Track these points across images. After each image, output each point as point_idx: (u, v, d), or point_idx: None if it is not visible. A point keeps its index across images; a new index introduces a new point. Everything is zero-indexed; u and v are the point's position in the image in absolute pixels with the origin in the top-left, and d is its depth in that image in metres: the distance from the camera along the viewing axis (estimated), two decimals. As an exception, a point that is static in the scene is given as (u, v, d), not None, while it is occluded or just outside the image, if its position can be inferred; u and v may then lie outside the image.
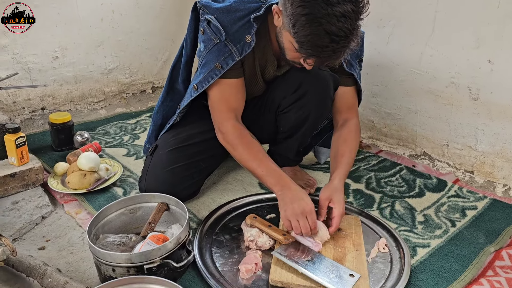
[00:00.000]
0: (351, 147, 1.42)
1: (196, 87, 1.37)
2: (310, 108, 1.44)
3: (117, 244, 1.17)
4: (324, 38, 1.05)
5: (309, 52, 1.10)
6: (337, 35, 1.04)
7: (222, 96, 1.36)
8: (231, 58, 1.30)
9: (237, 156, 1.36)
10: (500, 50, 1.55)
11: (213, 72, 1.32)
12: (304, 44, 1.08)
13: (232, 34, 1.28)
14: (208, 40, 1.31)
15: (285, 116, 1.49)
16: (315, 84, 1.41)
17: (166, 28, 2.69)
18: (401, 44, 1.83)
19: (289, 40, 1.15)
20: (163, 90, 1.56)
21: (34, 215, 1.42)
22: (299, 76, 1.42)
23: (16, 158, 1.54)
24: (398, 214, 1.48)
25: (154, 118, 1.58)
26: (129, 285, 0.96)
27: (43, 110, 2.29)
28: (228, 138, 1.35)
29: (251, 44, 1.29)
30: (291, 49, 1.19)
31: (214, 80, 1.32)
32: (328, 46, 1.06)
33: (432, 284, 1.15)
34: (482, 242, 1.34)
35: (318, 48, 1.07)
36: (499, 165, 1.66)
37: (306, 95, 1.42)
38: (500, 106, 1.60)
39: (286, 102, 1.46)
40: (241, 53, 1.30)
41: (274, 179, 1.29)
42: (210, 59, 1.31)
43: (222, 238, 1.31)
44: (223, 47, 1.29)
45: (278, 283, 1.11)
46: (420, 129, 1.89)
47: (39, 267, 1.09)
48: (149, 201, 1.32)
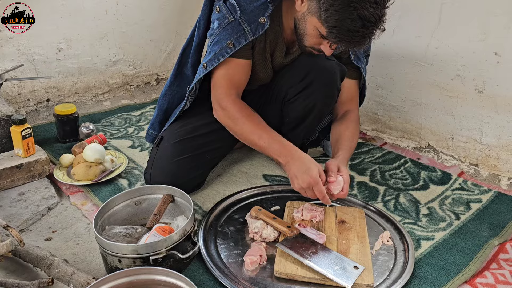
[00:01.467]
0: (353, 135, 1.45)
1: (205, 65, 1.36)
2: (316, 97, 1.44)
3: (123, 235, 1.18)
4: (357, 23, 1.08)
5: (338, 37, 1.13)
6: (369, 21, 1.08)
7: (227, 73, 1.37)
8: (244, 38, 1.30)
9: (238, 130, 1.37)
10: (507, 42, 1.54)
11: (224, 50, 1.32)
12: (335, 28, 1.11)
13: (247, 13, 1.29)
14: (222, 18, 1.31)
15: (292, 105, 1.49)
16: (322, 73, 1.41)
17: (170, 19, 2.68)
18: (406, 36, 1.82)
19: (315, 25, 1.18)
20: (170, 74, 1.55)
21: (41, 206, 1.44)
22: (306, 65, 1.42)
23: (22, 150, 1.55)
24: (403, 207, 1.49)
25: (160, 102, 1.58)
26: (135, 276, 0.97)
27: (48, 102, 2.30)
28: (229, 113, 1.36)
29: (264, 26, 1.30)
30: (314, 35, 1.21)
31: (224, 58, 1.32)
32: (359, 31, 1.10)
33: (436, 277, 1.15)
34: (486, 235, 1.34)
35: (349, 32, 1.10)
36: (504, 158, 1.66)
37: (312, 84, 1.42)
38: (506, 98, 1.59)
39: (293, 91, 1.46)
40: (254, 34, 1.30)
41: (278, 150, 1.31)
42: (222, 37, 1.31)
43: (227, 230, 1.32)
44: (237, 26, 1.29)
45: (282, 274, 1.12)
46: (425, 122, 1.88)
47: (46, 258, 1.10)
48: (154, 193, 1.33)
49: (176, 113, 1.53)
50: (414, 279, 1.14)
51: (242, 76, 1.40)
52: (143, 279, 0.97)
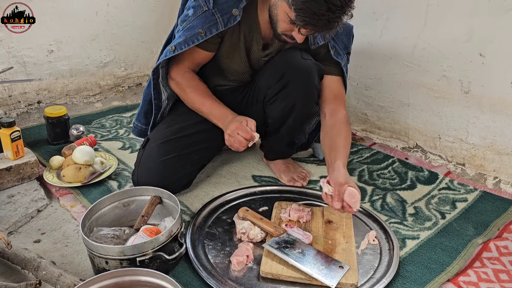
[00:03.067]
0: (346, 140, 1.39)
1: (174, 48, 1.39)
2: (295, 97, 1.45)
3: (111, 237, 1.19)
4: (322, 6, 1.11)
5: (305, 20, 1.15)
6: (334, 4, 1.11)
7: (187, 58, 1.46)
8: (215, 28, 1.35)
9: (185, 98, 1.47)
10: (491, 43, 1.56)
11: (195, 37, 1.36)
12: (301, 11, 1.14)
13: (221, 4, 1.33)
14: (197, 7, 1.35)
15: (272, 106, 1.50)
16: (298, 73, 1.42)
17: (161, 21, 2.68)
18: (394, 38, 1.84)
19: (285, 10, 1.21)
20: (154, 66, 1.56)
21: (30, 208, 1.44)
22: (282, 65, 1.43)
23: (12, 152, 1.56)
24: (389, 207, 1.50)
25: (144, 93, 1.60)
26: (121, 277, 0.98)
27: (39, 104, 2.30)
28: (178, 83, 1.46)
29: (236, 18, 1.33)
30: (285, 21, 1.24)
31: (194, 44, 1.37)
32: (325, 15, 1.12)
33: (420, 276, 1.17)
34: (471, 234, 1.36)
35: (315, 16, 1.13)
36: (490, 157, 1.68)
37: (289, 84, 1.43)
38: (491, 99, 1.62)
39: (271, 92, 1.47)
40: (225, 25, 1.34)
41: (217, 115, 1.39)
42: (195, 24, 1.35)
43: (215, 231, 1.33)
44: (211, 15, 1.34)
45: (268, 274, 1.13)
46: (413, 122, 1.90)
47: (33, 260, 1.11)
48: (142, 195, 1.34)
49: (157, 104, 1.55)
50: (398, 278, 1.16)
51: (199, 62, 1.49)
52: (129, 280, 0.98)
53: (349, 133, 1.42)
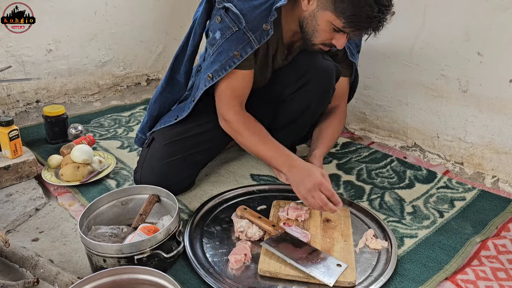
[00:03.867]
0: (334, 133, 1.51)
1: (211, 76, 1.34)
2: (312, 96, 1.46)
3: (109, 235, 1.19)
4: (374, 8, 1.13)
5: (357, 25, 1.17)
6: (383, 5, 1.14)
7: (230, 84, 1.37)
8: (250, 46, 1.30)
9: (243, 142, 1.39)
10: (489, 42, 1.56)
11: (231, 60, 1.31)
12: (354, 17, 1.15)
13: (251, 22, 1.28)
14: (226, 28, 1.30)
15: (286, 105, 1.51)
16: (319, 73, 1.43)
17: (160, 20, 2.69)
18: (392, 37, 1.84)
19: (329, 20, 1.21)
20: (162, 80, 1.54)
21: (28, 207, 1.44)
22: (303, 64, 1.44)
23: (10, 151, 1.56)
24: (387, 205, 1.50)
25: (151, 108, 1.57)
26: (118, 275, 0.98)
27: (38, 103, 2.30)
28: (233, 125, 1.38)
29: (269, 32, 1.29)
30: (327, 30, 1.24)
31: (232, 68, 1.31)
32: (376, 17, 1.15)
33: (418, 274, 1.17)
34: (469, 232, 1.36)
35: (368, 19, 1.15)
36: (488, 156, 1.68)
37: (309, 83, 1.44)
38: (489, 98, 1.62)
39: (289, 90, 1.48)
40: (259, 41, 1.30)
41: (281, 160, 1.33)
42: (227, 47, 1.30)
43: (213, 229, 1.33)
44: (242, 35, 1.29)
45: (266, 273, 1.13)
46: (411, 121, 1.90)
47: (31, 258, 1.11)
48: (140, 193, 1.34)
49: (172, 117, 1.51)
50: (396, 276, 1.16)
51: (245, 86, 1.41)
52: (126, 278, 0.98)
53: (338, 127, 1.52)
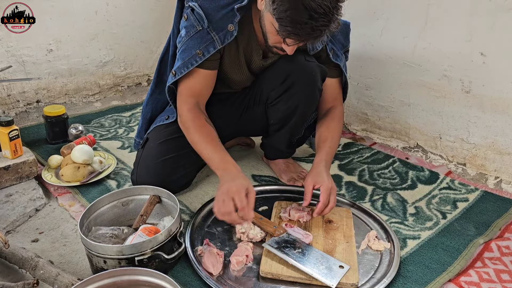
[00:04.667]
0: (333, 133, 1.45)
1: (174, 73, 1.35)
2: (298, 99, 1.45)
3: (109, 236, 1.18)
4: (303, 14, 1.05)
5: (288, 30, 1.10)
6: (316, 12, 1.05)
7: (189, 82, 1.37)
8: (213, 46, 1.30)
9: (190, 138, 1.36)
10: (492, 42, 1.55)
11: (193, 58, 1.31)
12: (283, 20, 1.09)
13: (215, 22, 1.28)
14: (190, 27, 1.31)
15: (274, 108, 1.50)
16: (302, 75, 1.41)
17: (161, 20, 2.68)
18: (394, 37, 1.83)
19: (270, 20, 1.16)
20: (151, 83, 1.56)
21: (28, 207, 1.43)
22: (286, 67, 1.42)
23: (10, 151, 1.55)
24: (390, 206, 1.49)
25: (144, 111, 1.58)
26: (119, 277, 0.97)
27: (38, 103, 2.29)
28: (183, 120, 1.36)
29: (233, 34, 1.29)
30: (272, 32, 1.19)
31: (194, 66, 1.31)
32: (307, 23, 1.07)
33: (421, 275, 1.16)
34: (472, 234, 1.35)
35: (297, 24, 1.07)
36: (491, 157, 1.67)
37: (294, 86, 1.43)
38: (491, 98, 1.61)
39: (275, 93, 1.46)
40: (223, 42, 1.30)
41: (217, 162, 1.28)
42: (191, 45, 1.31)
43: (214, 230, 1.32)
44: (206, 35, 1.29)
45: (268, 274, 1.12)
46: (413, 122, 1.89)
47: (31, 259, 1.10)
48: (141, 194, 1.33)
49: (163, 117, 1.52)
50: (399, 278, 1.15)
51: (203, 86, 1.39)
52: (127, 279, 0.97)
53: (338, 127, 1.48)
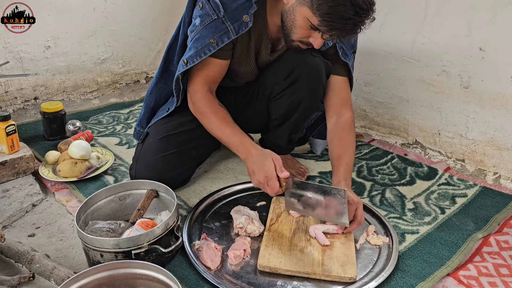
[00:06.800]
0: (347, 147, 1.37)
1: (186, 61, 1.34)
2: (302, 94, 1.44)
3: (106, 230, 1.17)
4: (350, 10, 1.08)
5: (331, 25, 1.12)
6: (361, 8, 1.09)
7: (203, 71, 1.37)
8: (227, 36, 1.29)
9: (207, 124, 1.38)
10: (491, 37, 1.54)
11: (206, 47, 1.30)
12: (328, 16, 1.11)
13: (231, 12, 1.27)
14: (205, 15, 1.30)
15: (277, 102, 1.49)
16: (307, 70, 1.40)
17: (159, 18, 2.67)
18: (393, 33, 1.83)
19: (306, 15, 1.17)
20: (157, 71, 1.55)
21: (25, 202, 1.42)
22: (292, 62, 1.42)
23: (7, 146, 1.54)
24: (388, 202, 1.49)
25: (147, 100, 1.58)
26: (115, 270, 0.96)
27: (36, 100, 2.28)
28: (198, 106, 1.37)
29: (248, 24, 1.29)
30: (304, 27, 1.20)
31: (207, 55, 1.31)
32: (351, 19, 1.10)
33: (419, 270, 1.15)
34: (471, 228, 1.34)
35: (342, 20, 1.10)
36: (490, 153, 1.67)
37: (298, 80, 1.42)
38: (491, 94, 1.60)
39: (279, 87, 1.46)
40: (237, 32, 1.29)
41: (237, 145, 1.30)
42: (205, 34, 1.30)
43: (212, 225, 1.31)
44: (220, 24, 1.28)
45: (266, 268, 1.12)
46: (412, 118, 1.89)
47: (27, 253, 1.09)
48: (138, 188, 1.32)
49: (164, 109, 1.52)
50: (397, 272, 1.14)
51: (217, 75, 1.41)
52: (123, 273, 0.97)
53: (351, 138, 1.40)
